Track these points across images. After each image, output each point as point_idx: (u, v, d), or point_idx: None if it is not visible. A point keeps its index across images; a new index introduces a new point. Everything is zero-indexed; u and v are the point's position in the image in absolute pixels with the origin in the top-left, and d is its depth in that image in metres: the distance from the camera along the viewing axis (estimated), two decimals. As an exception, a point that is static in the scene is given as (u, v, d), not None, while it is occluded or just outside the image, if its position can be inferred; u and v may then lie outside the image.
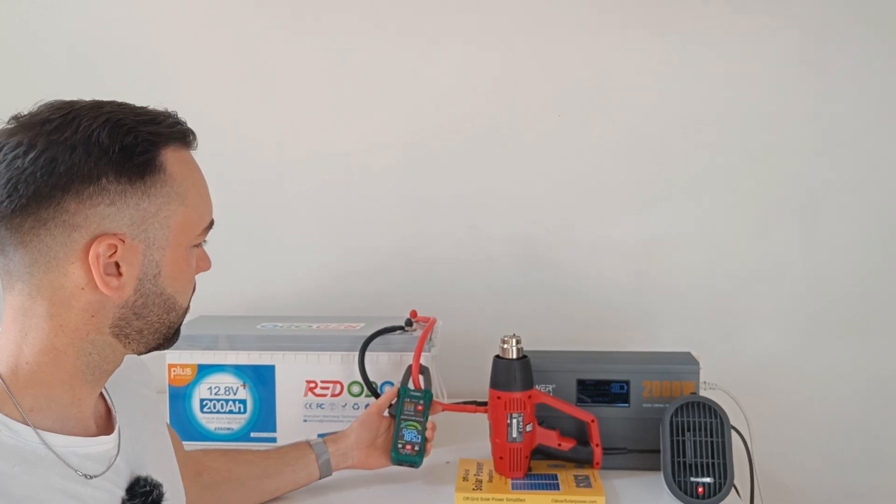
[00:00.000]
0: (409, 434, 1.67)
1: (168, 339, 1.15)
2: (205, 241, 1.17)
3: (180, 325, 1.16)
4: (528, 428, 1.65)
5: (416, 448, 1.66)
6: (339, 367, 1.88)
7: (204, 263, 1.19)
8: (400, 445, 1.66)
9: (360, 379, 1.85)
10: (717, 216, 2.27)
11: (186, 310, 1.16)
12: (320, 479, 1.63)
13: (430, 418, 1.70)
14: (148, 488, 1.12)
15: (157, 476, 1.15)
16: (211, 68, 2.28)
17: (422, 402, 1.71)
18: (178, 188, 1.07)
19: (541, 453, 1.70)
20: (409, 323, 1.93)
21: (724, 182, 2.25)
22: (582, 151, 2.26)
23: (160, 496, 1.13)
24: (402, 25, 2.25)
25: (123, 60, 2.27)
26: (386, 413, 1.72)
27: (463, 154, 2.27)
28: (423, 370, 1.79)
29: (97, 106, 1.04)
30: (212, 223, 1.15)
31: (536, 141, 2.26)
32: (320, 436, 1.69)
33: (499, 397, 1.65)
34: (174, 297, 1.11)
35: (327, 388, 1.88)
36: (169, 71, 2.27)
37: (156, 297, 1.09)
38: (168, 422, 1.62)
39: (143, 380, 1.32)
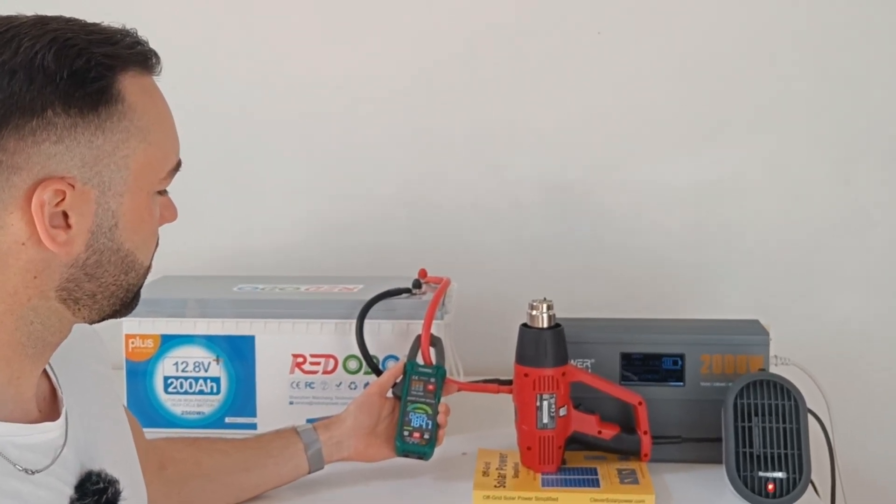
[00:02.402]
0: (418, 419, 1.67)
1: (126, 304, 1.15)
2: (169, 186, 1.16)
3: (140, 287, 1.16)
4: (562, 412, 1.66)
5: (426, 436, 1.66)
6: (332, 337, 1.88)
7: (169, 213, 1.18)
8: (406, 433, 1.66)
9: (357, 352, 1.85)
10: (790, 156, 2.26)
11: (148, 269, 1.16)
12: (310, 473, 1.64)
13: (442, 400, 1.71)
14: (101, 485, 1.11)
15: (112, 470, 1.15)
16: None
17: (433, 380, 1.71)
18: (139, 122, 1.07)
19: (577, 442, 1.70)
20: (417, 284, 1.93)
21: (800, 115, 2.24)
22: (627, 77, 2.25)
23: (116, 494, 1.13)
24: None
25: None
26: (389, 394, 1.72)
27: (483, 82, 2.27)
28: (435, 342, 1.79)
29: (41, 22, 1.03)
30: (179, 164, 1.15)
31: (572, 65, 2.26)
32: (309, 421, 1.69)
33: (526, 375, 1.65)
34: (133, 253, 1.11)
35: (318, 363, 1.89)
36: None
37: (111, 254, 1.08)
38: (125, 404, 1.62)
39: (95, 354, 1.32)
